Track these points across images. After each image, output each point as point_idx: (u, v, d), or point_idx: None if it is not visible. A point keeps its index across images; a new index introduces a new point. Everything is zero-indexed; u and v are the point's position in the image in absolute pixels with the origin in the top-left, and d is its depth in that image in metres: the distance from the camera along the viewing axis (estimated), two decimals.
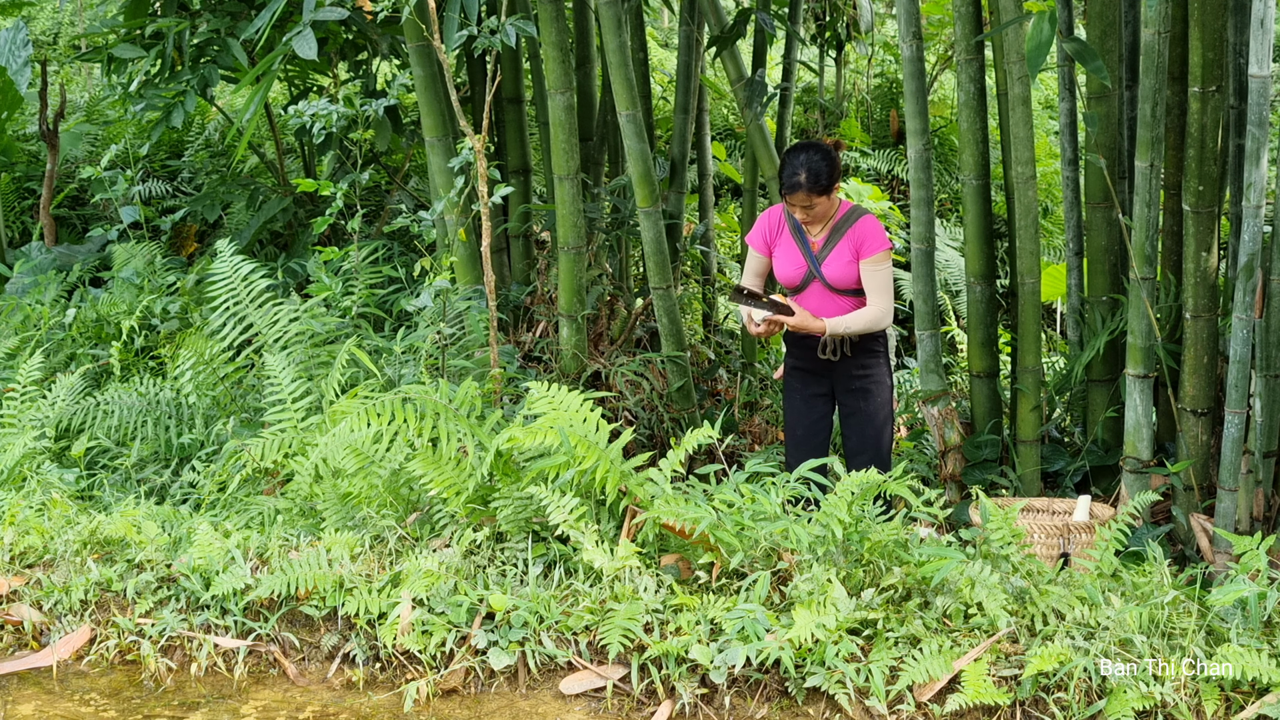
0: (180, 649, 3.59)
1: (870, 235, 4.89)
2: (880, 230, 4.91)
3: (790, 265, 4.97)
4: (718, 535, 3.47)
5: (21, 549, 3.89)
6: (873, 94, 11.34)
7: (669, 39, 12.11)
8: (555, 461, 3.67)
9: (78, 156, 9.32)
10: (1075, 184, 5.86)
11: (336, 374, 5.00)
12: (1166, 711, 3.08)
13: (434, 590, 3.51)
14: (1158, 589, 3.35)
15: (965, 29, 5.52)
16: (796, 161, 4.80)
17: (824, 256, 4.92)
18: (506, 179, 6.35)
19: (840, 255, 4.90)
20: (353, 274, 6.12)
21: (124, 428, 5.62)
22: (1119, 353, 5.54)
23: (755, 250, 5.08)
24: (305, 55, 5.60)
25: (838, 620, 3.23)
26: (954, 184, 10.14)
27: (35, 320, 7.01)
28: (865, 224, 4.90)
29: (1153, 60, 4.82)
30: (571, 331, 6.22)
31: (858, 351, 4.98)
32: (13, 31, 8.56)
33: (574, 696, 3.33)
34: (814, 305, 4.94)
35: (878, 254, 4.88)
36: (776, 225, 5.03)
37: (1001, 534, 3.47)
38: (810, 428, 5.10)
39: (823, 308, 4.94)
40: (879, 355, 5.04)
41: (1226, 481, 4.92)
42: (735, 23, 6.32)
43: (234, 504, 4.77)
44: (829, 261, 4.91)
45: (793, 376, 5.13)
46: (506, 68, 6.85)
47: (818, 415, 5.10)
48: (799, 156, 4.81)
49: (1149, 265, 5.05)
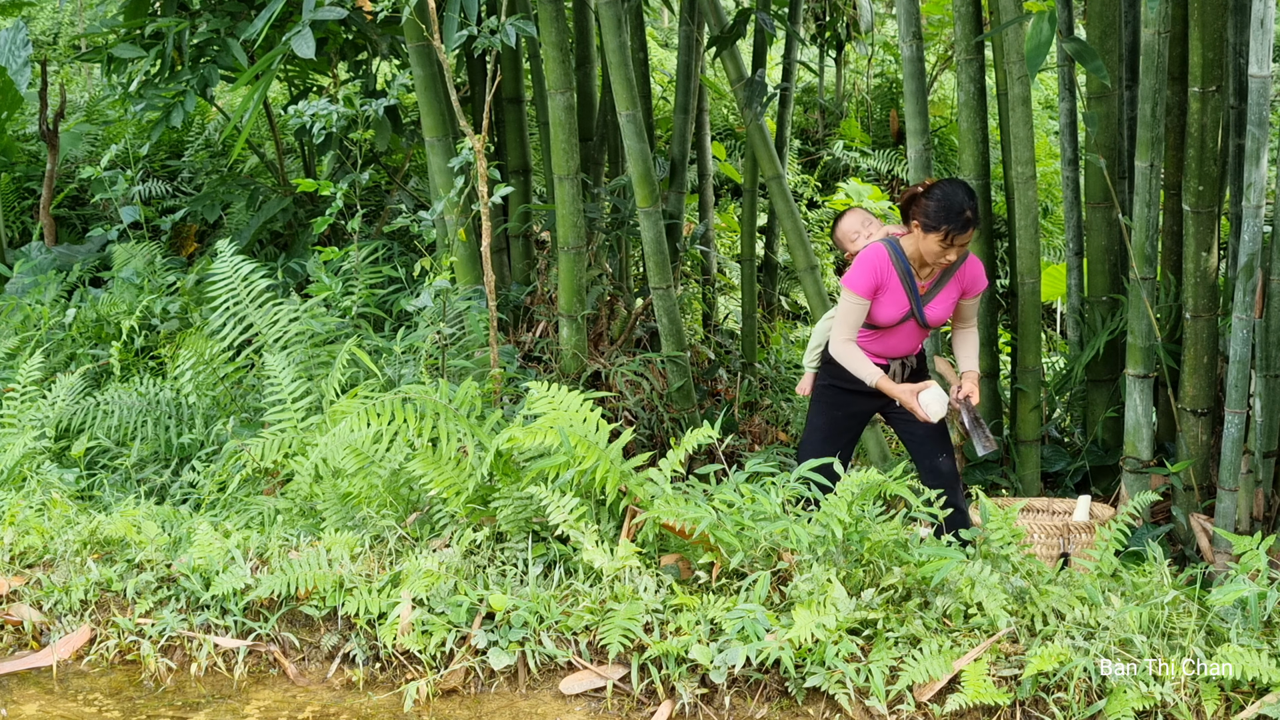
0: (180, 649, 3.59)
1: (979, 275, 4.79)
2: (982, 268, 4.83)
3: (893, 308, 4.73)
4: (718, 535, 3.47)
5: (21, 549, 3.89)
6: (873, 94, 11.34)
7: (669, 39, 12.11)
8: (555, 461, 3.67)
9: (78, 156, 9.32)
10: (1075, 184, 5.86)
11: (336, 374, 5.00)
12: (1166, 711, 3.07)
13: (434, 590, 3.51)
14: (1158, 589, 3.35)
15: (965, 29, 5.52)
16: (960, 197, 4.51)
17: (929, 298, 4.74)
18: (506, 179, 6.36)
19: (947, 296, 4.76)
20: (353, 274, 6.12)
21: (124, 428, 5.62)
22: (1119, 353, 5.54)
23: (862, 300, 4.67)
24: (304, 55, 5.60)
25: (838, 620, 3.23)
26: None
27: (35, 320, 7.01)
28: (974, 264, 4.77)
29: (1153, 60, 4.82)
30: (571, 331, 6.22)
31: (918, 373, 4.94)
32: (13, 31, 8.56)
33: (574, 696, 3.33)
34: (898, 341, 4.81)
35: (982, 291, 4.85)
36: (886, 270, 4.67)
37: (1001, 534, 3.47)
38: (849, 445, 4.97)
39: (906, 343, 4.83)
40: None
41: (1226, 481, 4.93)
42: (735, 23, 6.32)
43: (234, 504, 4.77)
44: (934, 304, 4.74)
45: (841, 395, 4.92)
46: (506, 68, 6.85)
47: (856, 432, 5.03)
48: (959, 192, 4.52)
49: (1149, 265, 5.05)
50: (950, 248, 4.54)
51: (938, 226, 4.52)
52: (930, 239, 4.55)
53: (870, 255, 4.70)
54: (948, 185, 4.56)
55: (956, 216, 4.49)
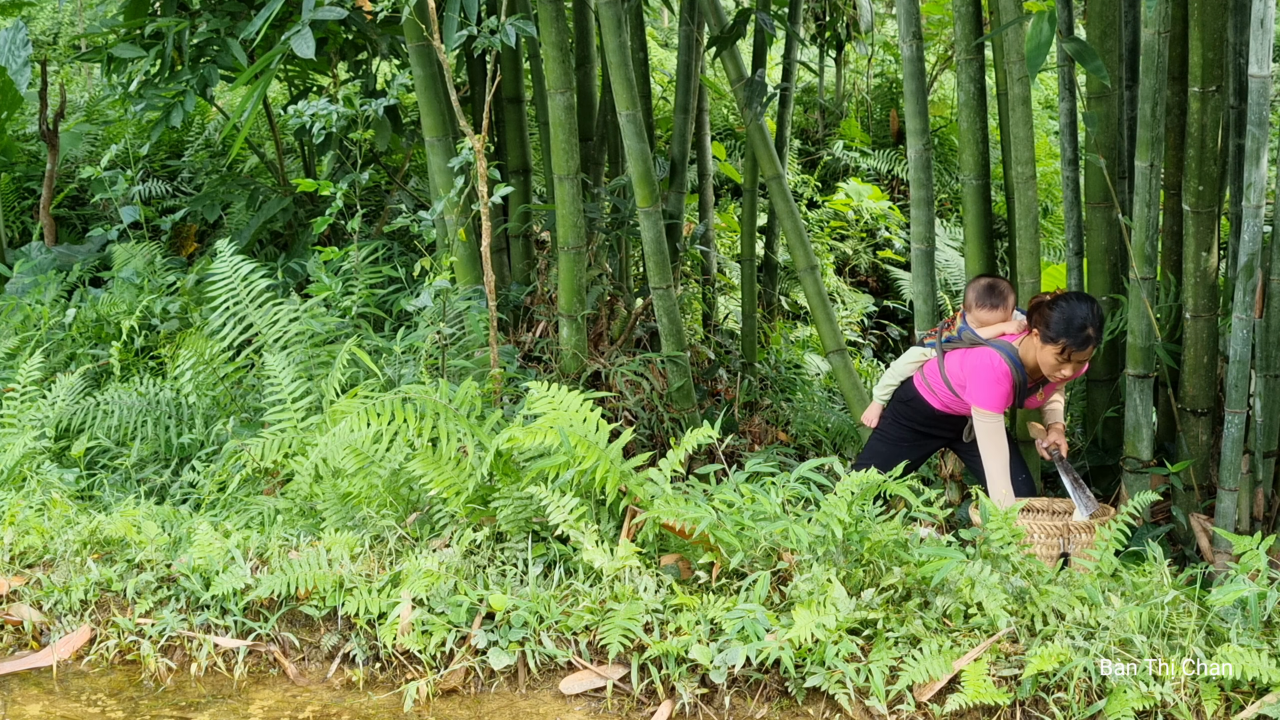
0: (180, 649, 3.59)
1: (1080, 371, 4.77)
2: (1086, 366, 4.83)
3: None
4: (718, 535, 3.47)
5: (21, 549, 3.89)
6: (873, 94, 11.34)
7: (669, 39, 12.11)
8: (555, 461, 3.67)
9: (78, 156, 9.32)
10: (1075, 184, 5.85)
11: (336, 374, 5.00)
12: (1166, 711, 3.08)
13: (434, 590, 3.51)
14: (1158, 589, 3.35)
15: (965, 29, 5.51)
16: (1087, 313, 4.49)
17: (1034, 392, 4.84)
18: (506, 179, 6.35)
19: (1050, 388, 4.86)
20: (353, 274, 6.12)
21: (124, 428, 5.62)
22: (1119, 353, 5.54)
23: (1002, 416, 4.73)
24: (304, 54, 5.60)
25: (838, 620, 3.23)
26: (954, 184, 10.14)
27: (35, 320, 7.01)
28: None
29: (1153, 60, 4.82)
30: (571, 331, 6.22)
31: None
32: (13, 31, 8.55)
33: (574, 696, 3.33)
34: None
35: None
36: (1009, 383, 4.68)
37: (1001, 534, 3.47)
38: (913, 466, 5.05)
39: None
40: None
41: (1226, 481, 4.92)
42: (735, 23, 6.32)
43: (234, 504, 4.77)
44: (1034, 396, 4.86)
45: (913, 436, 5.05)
46: (506, 68, 6.85)
47: (916, 466, 5.10)
48: (1086, 308, 4.50)
49: (1149, 265, 5.05)
50: (1066, 363, 4.55)
51: (1056, 339, 4.52)
52: (1047, 350, 4.57)
53: (997, 373, 4.68)
54: (1073, 299, 4.55)
55: (1077, 333, 4.48)
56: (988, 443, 4.70)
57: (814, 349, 8.27)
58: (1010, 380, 4.67)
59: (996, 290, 4.89)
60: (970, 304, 4.93)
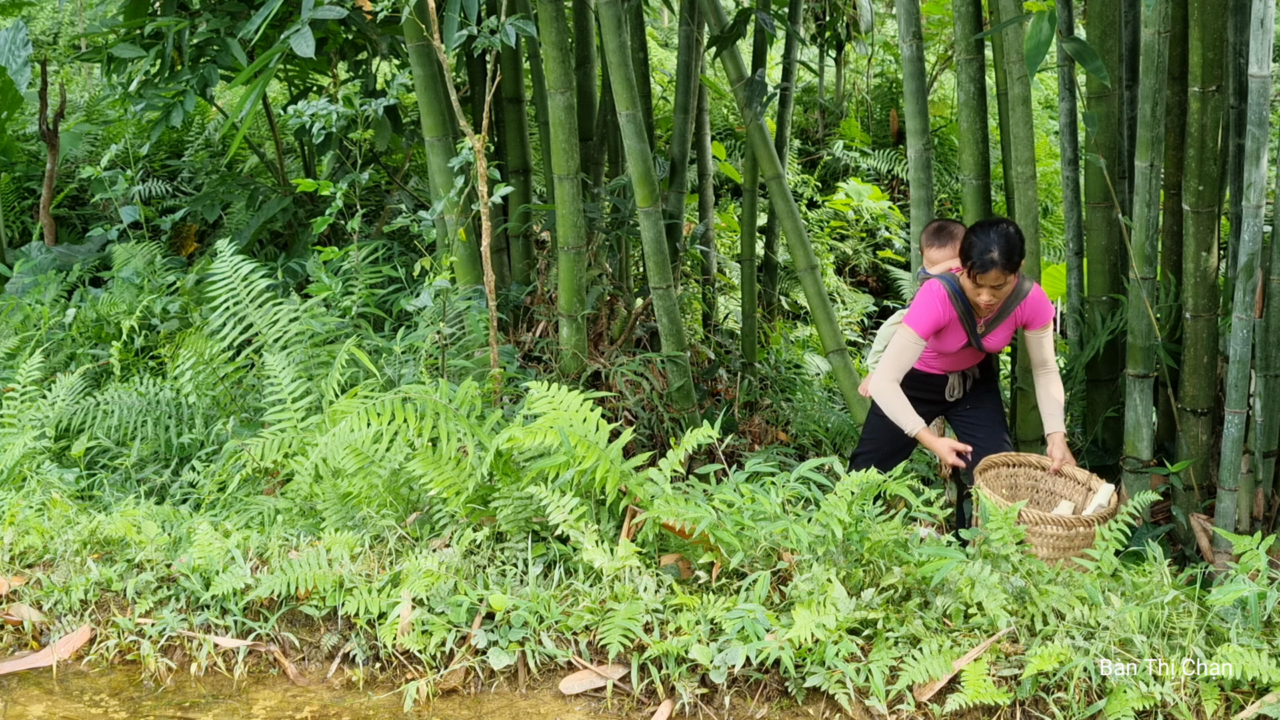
0: (180, 649, 3.59)
1: (1041, 308, 4.77)
2: (1047, 300, 4.82)
3: (953, 340, 4.82)
4: (718, 535, 3.47)
5: (21, 549, 3.89)
6: (873, 94, 11.34)
7: (669, 39, 12.12)
8: (555, 461, 3.67)
9: (78, 156, 9.32)
10: (1075, 184, 5.86)
11: (336, 374, 5.00)
12: (1166, 711, 3.08)
13: (434, 590, 3.51)
14: (1158, 589, 3.35)
15: (965, 29, 5.52)
16: (989, 238, 4.50)
17: (988, 331, 4.80)
18: (506, 179, 6.36)
19: (1005, 329, 4.81)
20: (353, 274, 6.12)
21: (124, 428, 5.62)
22: (1119, 353, 5.54)
23: (921, 340, 4.71)
24: (303, 54, 5.60)
25: (838, 620, 3.23)
26: (954, 184, 10.14)
27: (35, 320, 7.01)
28: (1036, 297, 4.75)
29: (1153, 60, 4.82)
30: (571, 331, 6.22)
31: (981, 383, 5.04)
32: (13, 31, 8.55)
33: (574, 696, 3.33)
34: (959, 359, 4.92)
35: (1047, 323, 4.81)
36: (946, 309, 4.71)
37: (1001, 534, 3.47)
38: (907, 446, 5.02)
39: (967, 361, 4.95)
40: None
41: (1226, 481, 4.93)
42: (735, 23, 6.32)
43: (234, 504, 4.77)
44: (992, 336, 4.81)
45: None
46: (506, 68, 6.85)
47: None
48: (989, 233, 4.51)
49: (1149, 265, 5.05)
50: (979, 289, 4.57)
51: (964, 264, 4.57)
52: (964, 277, 4.62)
53: (932, 296, 4.72)
54: (981, 225, 4.58)
55: (979, 256, 4.50)
56: (892, 348, 4.73)
57: (814, 349, 8.28)
58: (946, 306, 4.69)
59: (945, 230, 5.00)
60: (924, 247, 5.06)
